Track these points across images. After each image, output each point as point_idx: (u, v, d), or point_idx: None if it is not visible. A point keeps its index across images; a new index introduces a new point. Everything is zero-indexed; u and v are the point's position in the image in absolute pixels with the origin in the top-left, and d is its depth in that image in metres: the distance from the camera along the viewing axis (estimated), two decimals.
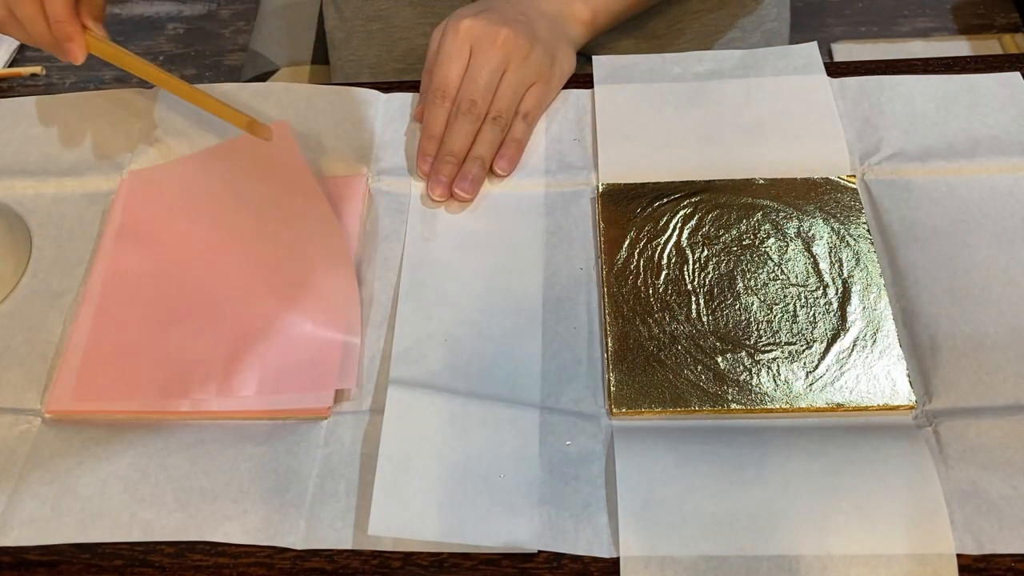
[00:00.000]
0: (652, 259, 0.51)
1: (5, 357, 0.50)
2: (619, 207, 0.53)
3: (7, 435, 0.47)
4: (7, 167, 0.59)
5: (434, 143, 0.56)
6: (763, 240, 0.52)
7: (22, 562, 0.43)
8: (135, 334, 0.50)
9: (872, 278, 0.49)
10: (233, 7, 1.68)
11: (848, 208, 0.52)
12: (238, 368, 0.48)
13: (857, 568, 0.40)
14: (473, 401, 0.46)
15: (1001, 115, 0.56)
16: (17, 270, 0.53)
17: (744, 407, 0.45)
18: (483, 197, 0.55)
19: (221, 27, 1.64)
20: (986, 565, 0.40)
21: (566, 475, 0.43)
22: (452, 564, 0.42)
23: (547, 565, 0.42)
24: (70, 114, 0.61)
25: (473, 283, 0.51)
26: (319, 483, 0.44)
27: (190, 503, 0.43)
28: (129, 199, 0.56)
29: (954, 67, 0.60)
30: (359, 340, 0.49)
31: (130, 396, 0.48)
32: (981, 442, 0.43)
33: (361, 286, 0.52)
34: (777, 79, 0.59)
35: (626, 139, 0.57)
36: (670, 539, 0.41)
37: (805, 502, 0.41)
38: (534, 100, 0.58)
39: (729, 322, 0.48)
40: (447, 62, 0.57)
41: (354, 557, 0.42)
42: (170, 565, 0.43)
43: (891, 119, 0.56)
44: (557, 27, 0.61)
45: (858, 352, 0.47)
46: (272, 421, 0.47)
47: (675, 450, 0.44)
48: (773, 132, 0.56)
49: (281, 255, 0.52)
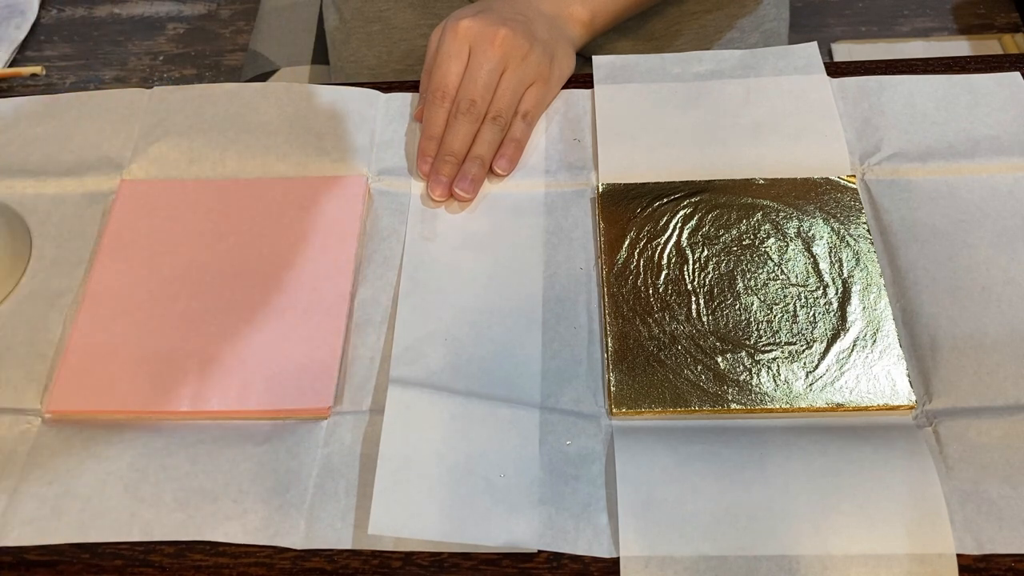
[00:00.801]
0: (652, 259, 0.51)
1: (5, 357, 0.50)
2: (619, 207, 0.53)
3: (7, 435, 0.47)
4: (7, 167, 0.59)
5: (434, 143, 0.56)
6: (763, 240, 0.52)
7: (22, 562, 0.43)
8: (135, 334, 0.50)
9: (872, 278, 0.49)
10: (233, 7, 1.68)
11: (848, 208, 0.52)
12: (238, 368, 0.48)
13: (857, 568, 0.40)
14: (473, 401, 0.46)
15: (1001, 115, 0.56)
16: (17, 270, 0.53)
17: (744, 407, 0.45)
18: (483, 197, 0.55)
19: (221, 27, 1.64)
20: (986, 565, 0.40)
21: (566, 475, 0.43)
22: (452, 564, 0.42)
23: (547, 565, 0.42)
24: (70, 114, 0.61)
25: (473, 283, 0.51)
26: (319, 483, 0.44)
27: (190, 503, 0.43)
28: (131, 200, 0.56)
29: (954, 67, 0.60)
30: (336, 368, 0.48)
31: (130, 396, 0.48)
32: (981, 442, 0.43)
33: (361, 286, 0.52)
34: (777, 79, 0.59)
35: (626, 139, 0.57)
36: (670, 539, 0.41)
37: (805, 502, 0.41)
38: (533, 100, 0.58)
39: (729, 322, 0.48)
40: (446, 62, 0.57)
41: (354, 557, 0.42)
42: (170, 565, 0.43)
43: (891, 119, 0.56)
44: (556, 27, 0.61)
45: (858, 352, 0.47)
46: (272, 421, 0.47)
47: (675, 450, 0.44)
48: (773, 132, 0.56)
49: (279, 282, 0.52)
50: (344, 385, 0.48)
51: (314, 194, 0.55)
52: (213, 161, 0.58)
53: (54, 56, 1.61)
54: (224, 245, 0.54)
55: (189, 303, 0.51)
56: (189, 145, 0.58)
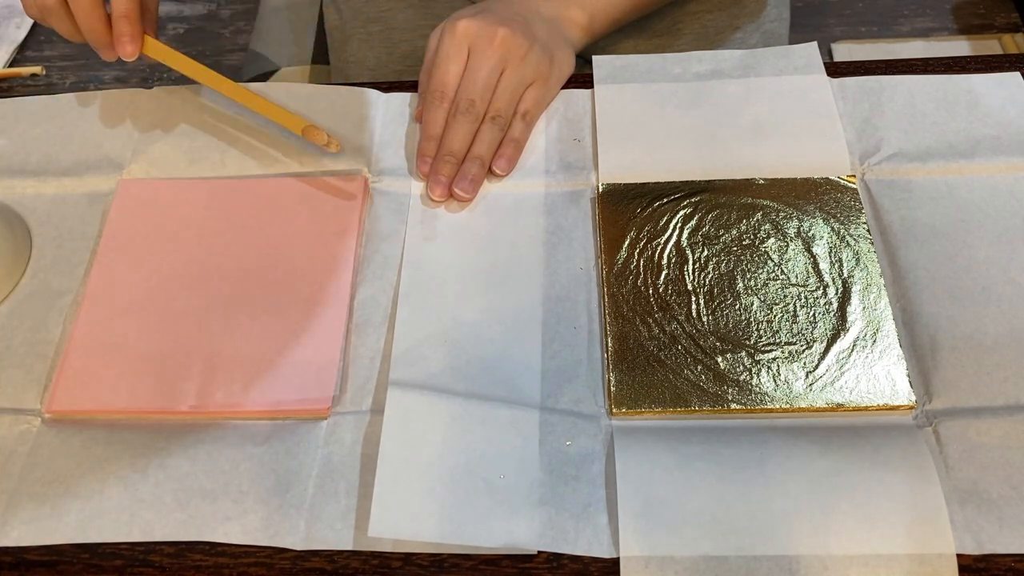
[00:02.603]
0: (652, 259, 0.51)
1: (5, 357, 0.50)
2: (619, 207, 0.53)
3: (7, 435, 0.47)
4: (7, 167, 0.59)
5: (433, 144, 0.56)
6: (763, 240, 0.51)
7: (22, 562, 0.43)
8: (135, 334, 0.50)
9: (872, 278, 0.49)
10: (233, 7, 1.68)
11: (848, 208, 0.52)
12: (238, 368, 0.48)
13: (857, 568, 0.40)
14: (473, 402, 0.46)
15: (1001, 115, 0.56)
16: (17, 270, 0.53)
17: (744, 407, 0.45)
18: (483, 197, 0.55)
19: (221, 27, 1.64)
20: (986, 565, 0.40)
21: (566, 475, 0.43)
22: (452, 564, 0.42)
23: (547, 565, 0.42)
24: (70, 114, 0.61)
25: (473, 283, 0.51)
26: (319, 483, 0.44)
27: (190, 503, 0.43)
28: (130, 200, 0.56)
29: (954, 67, 0.60)
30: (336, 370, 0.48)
31: (130, 396, 0.48)
32: (981, 442, 0.43)
33: (361, 286, 0.52)
34: (777, 79, 0.59)
35: (626, 139, 0.57)
36: (670, 539, 0.41)
37: (805, 502, 0.41)
38: (533, 100, 0.58)
39: (729, 322, 0.48)
40: (445, 62, 0.57)
41: (354, 557, 0.42)
42: (170, 565, 0.43)
43: (891, 119, 0.56)
44: (555, 28, 0.61)
45: (858, 352, 0.47)
46: (272, 421, 0.47)
47: (675, 450, 0.44)
48: (773, 132, 0.56)
49: (279, 281, 0.52)
50: (344, 385, 0.48)
51: (314, 194, 0.55)
52: (213, 161, 0.58)
53: (54, 56, 1.61)
54: (224, 245, 0.54)
55: (189, 303, 0.51)
56: (189, 145, 0.58)
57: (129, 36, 0.56)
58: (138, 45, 0.56)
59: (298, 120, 0.55)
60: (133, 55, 0.57)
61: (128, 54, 0.56)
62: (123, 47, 0.56)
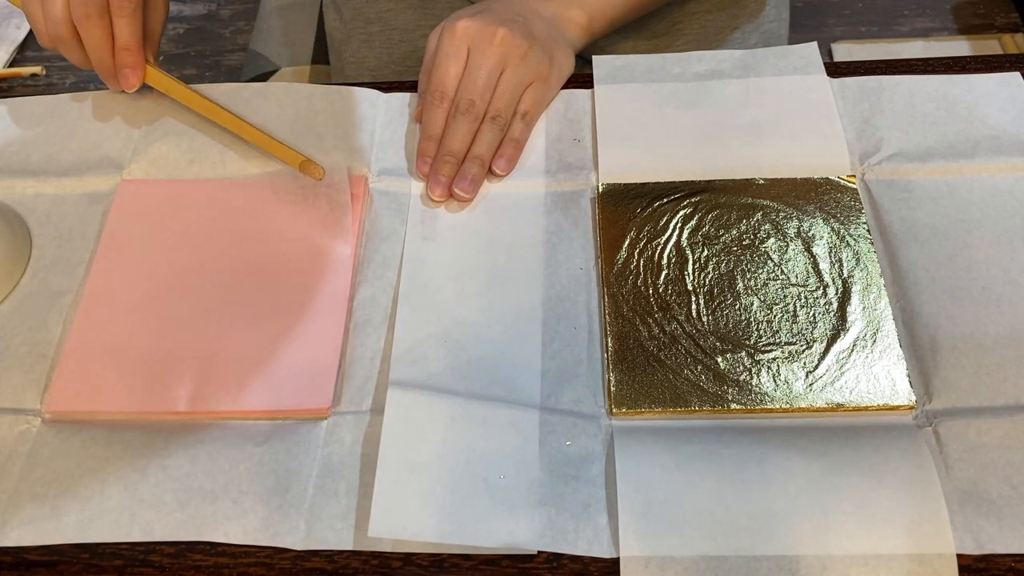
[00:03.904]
0: (652, 259, 0.51)
1: (5, 357, 0.50)
2: (619, 207, 0.53)
3: (7, 435, 0.47)
4: (7, 167, 0.59)
5: (433, 144, 0.56)
6: (763, 240, 0.52)
7: (22, 562, 0.43)
8: (135, 334, 0.50)
9: (872, 278, 0.49)
10: (233, 7, 1.68)
11: (848, 208, 0.52)
12: (238, 368, 0.48)
13: (857, 568, 0.40)
14: (473, 402, 0.46)
15: (1001, 115, 0.56)
16: (17, 270, 0.53)
17: (744, 407, 0.45)
18: (483, 197, 0.55)
19: (221, 27, 1.64)
20: (986, 565, 0.40)
21: (566, 475, 0.43)
22: (452, 564, 0.42)
23: (547, 565, 0.42)
24: (70, 114, 0.61)
25: (473, 283, 0.51)
26: (319, 483, 0.44)
27: (190, 503, 0.43)
28: (130, 200, 0.56)
29: (954, 67, 0.60)
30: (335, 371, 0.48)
31: (130, 396, 0.48)
32: (981, 442, 0.43)
33: (361, 286, 0.52)
34: (777, 79, 0.59)
35: (626, 139, 0.57)
36: (670, 539, 0.41)
37: (805, 502, 0.41)
38: (532, 99, 0.58)
39: (729, 322, 0.48)
40: (445, 63, 0.57)
41: (354, 557, 0.42)
42: (170, 565, 0.43)
43: (891, 119, 0.56)
44: (554, 28, 0.61)
45: (858, 352, 0.47)
46: (272, 421, 0.47)
47: (675, 450, 0.44)
48: (773, 132, 0.56)
49: (278, 281, 0.52)
50: (344, 385, 0.48)
51: (314, 194, 0.55)
52: (213, 161, 0.58)
53: (54, 56, 1.61)
54: (224, 245, 0.54)
55: (189, 303, 0.51)
56: (189, 145, 0.58)
57: (131, 67, 0.56)
58: (140, 76, 0.57)
59: (295, 154, 0.55)
60: (135, 87, 0.57)
61: (130, 86, 0.57)
62: (126, 79, 0.57)
